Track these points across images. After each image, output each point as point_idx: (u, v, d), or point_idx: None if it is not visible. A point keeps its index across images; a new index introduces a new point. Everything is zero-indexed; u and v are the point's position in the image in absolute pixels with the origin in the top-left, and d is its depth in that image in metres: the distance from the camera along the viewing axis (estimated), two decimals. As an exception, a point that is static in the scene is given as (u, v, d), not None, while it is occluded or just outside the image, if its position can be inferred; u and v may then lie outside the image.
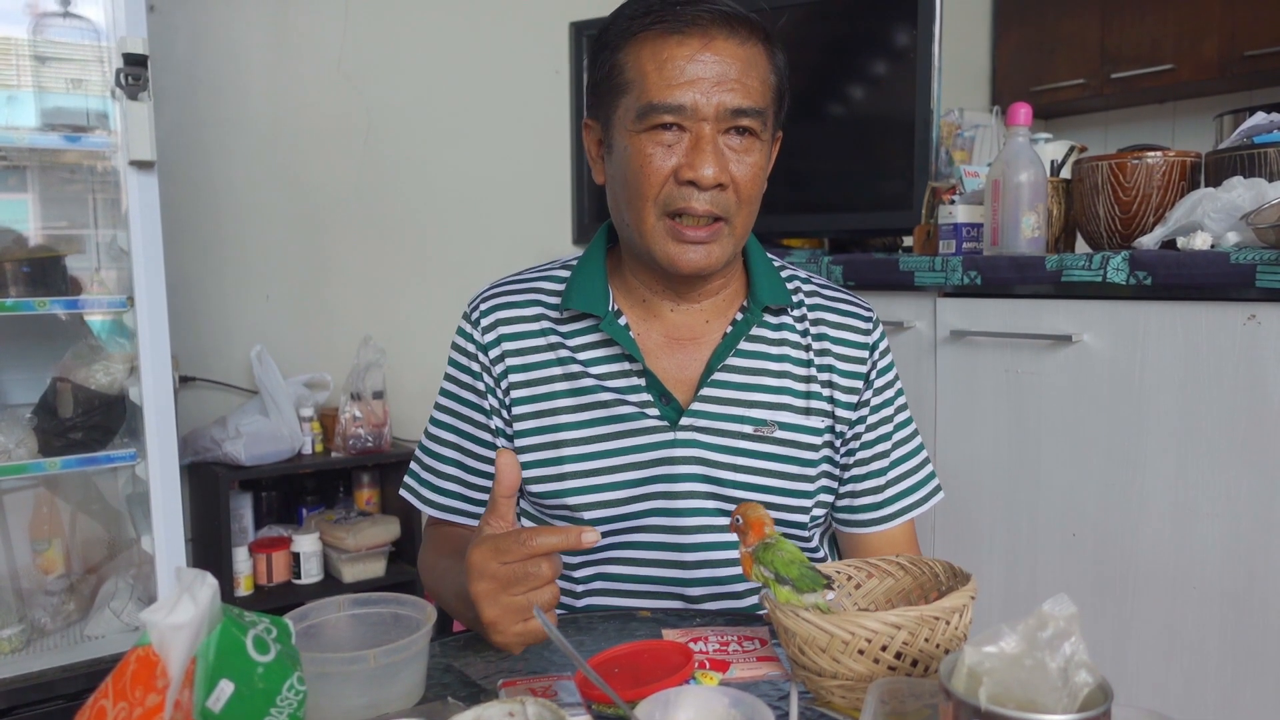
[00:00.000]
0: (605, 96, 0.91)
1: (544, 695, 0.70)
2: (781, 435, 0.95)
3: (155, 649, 0.48)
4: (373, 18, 2.48)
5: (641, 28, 0.87)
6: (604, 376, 0.95)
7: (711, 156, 0.85)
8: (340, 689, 0.65)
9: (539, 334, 0.97)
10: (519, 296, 1.00)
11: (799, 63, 2.30)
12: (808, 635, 0.66)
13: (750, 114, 0.87)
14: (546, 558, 0.71)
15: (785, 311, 0.99)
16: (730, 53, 0.86)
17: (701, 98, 0.85)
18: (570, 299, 0.95)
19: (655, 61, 0.86)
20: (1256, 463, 1.37)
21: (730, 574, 0.95)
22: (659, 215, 0.88)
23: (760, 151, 0.90)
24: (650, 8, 0.87)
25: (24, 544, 1.87)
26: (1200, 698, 1.43)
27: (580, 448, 0.95)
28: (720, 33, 0.86)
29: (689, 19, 0.85)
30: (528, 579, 0.71)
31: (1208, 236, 1.43)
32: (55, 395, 1.76)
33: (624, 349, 0.93)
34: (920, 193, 1.94)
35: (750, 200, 0.91)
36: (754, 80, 0.87)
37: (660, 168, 0.87)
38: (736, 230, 0.91)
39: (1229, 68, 3.07)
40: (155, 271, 1.70)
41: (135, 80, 1.61)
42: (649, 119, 0.86)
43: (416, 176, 2.56)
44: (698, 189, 0.86)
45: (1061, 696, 0.47)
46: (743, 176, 0.88)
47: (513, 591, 0.71)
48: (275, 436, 2.12)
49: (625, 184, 0.90)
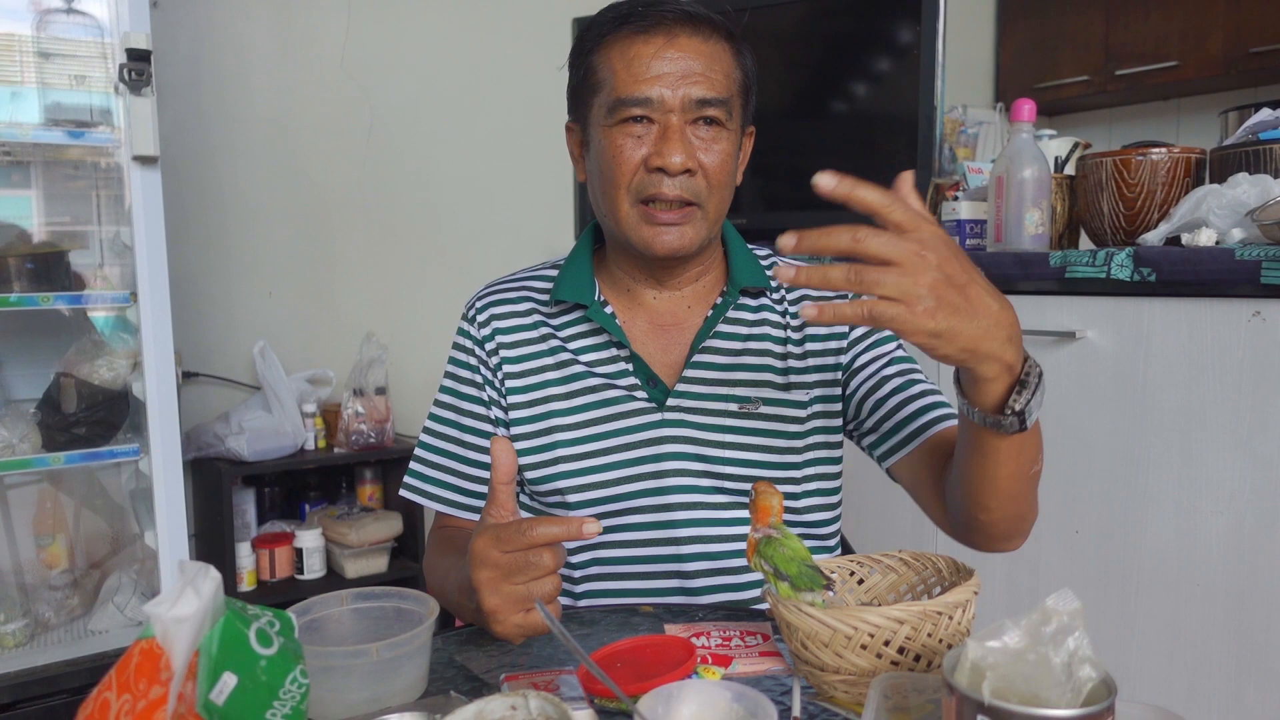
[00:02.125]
0: (582, 97, 0.97)
1: (546, 689, 0.70)
2: (766, 411, 0.98)
3: (159, 642, 0.48)
4: (375, 13, 2.47)
5: (611, 30, 0.94)
6: (593, 363, 0.99)
7: (679, 144, 0.90)
8: (343, 683, 0.65)
9: (530, 326, 1.02)
10: (511, 293, 1.05)
11: (802, 60, 2.28)
12: (810, 630, 0.66)
13: (714, 104, 0.92)
14: (549, 548, 0.71)
15: (765, 294, 1.03)
16: (694, 48, 0.91)
17: (667, 90, 0.90)
18: (559, 290, 1.00)
19: (624, 60, 0.92)
20: (1260, 459, 1.36)
21: (725, 549, 0.97)
22: (633, 202, 0.93)
23: (728, 140, 0.94)
24: (620, 13, 0.94)
25: (28, 539, 1.88)
26: (1203, 693, 1.43)
27: (571, 432, 0.98)
28: (683, 30, 0.91)
29: (654, 19, 0.91)
30: (529, 568, 0.71)
31: (1212, 233, 1.42)
32: (59, 390, 1.77)
33: (611, 335, 0.98)
34: (923, 189, 1.94)
35: (720, 186, 0.94)
36: (718, 74, 0.92)
37: (631, 157, 0.92)
38: (709, 214, 0.95)
39: (1234, 64, 3.06)
40: (158, 267, 1.70)
41: (138, 76, 1.62)
42: (619, 113, 0.92)
43: (419, 172, 2.56)
44: (667, 175, 0.91)
45: (1065, 691, 0.47)
46: (711, 163, 0.93)
47: (514, 581, 0.71)
48: (278, 432, 2.13)
49: (601, 175, 0.95)
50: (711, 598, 0.98)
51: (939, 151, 1.97)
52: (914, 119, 1.96)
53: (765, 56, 2.48)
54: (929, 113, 1.94)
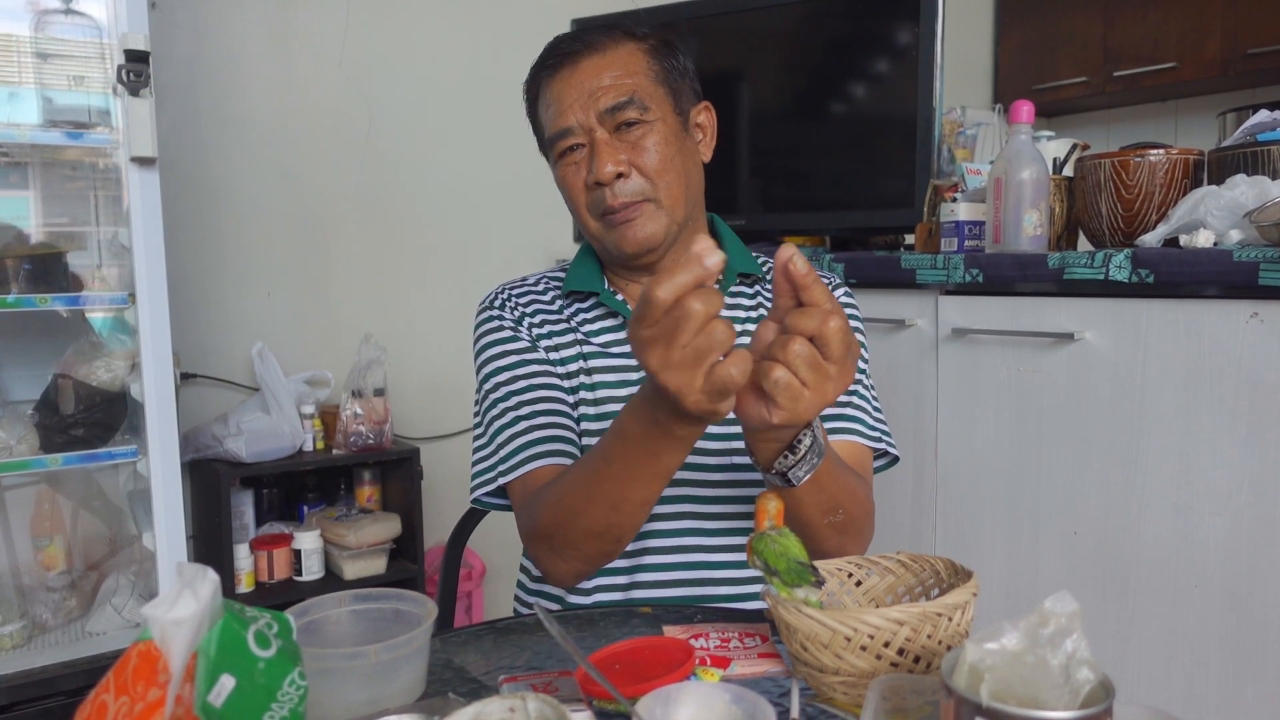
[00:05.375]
0: (541, 144, 1.08)
1: (545, 691, 0.70)
2: None
3: (157, 644, 0.48)
4: (374, 15, 2.47)
5: (535, 82, 1.04)
6: (606, 344, 1.06)
7: (605, 156, 0.97)
8: (341, 684, 0.65)
9: (556, 310, 1.09)
10: (529, 285, 1.13)
11: (801, 61, 2.29)
12: (810, 631, 0.65)
13: (624, 106, 0.98)
14: (698, 297, 0.64)
15: (760, 281, 1.11)
16: (594, 66, 0.99)
17: (580, 114, 0.99)
18: (570, 283, 1.09)
19: (544, 102, 1.03)
20: (1258, 461, 1.36)
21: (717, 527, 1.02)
22: (595, 218, 1.02)
23: (655, 132, 0.99)
24: (538, 62, 1.04)
25: (26, 540, 1.87)
26: (1201, 695, 1.43)
27: (590, 408, 1.04)
28: (583, 54, 1.00)
29: (559, 56, 1.01)
30: (684, 325, 0.64)
31: (1210, 234, 1.42)
32: (57, 392, 1.77)
33: (623, 318, 1.06)
34: (922, 190, 1.94)
35: (664, 173, 0.99)
36: (624, 77, 0.99)
37: (575, 183, 1.01)
38: (663, 203, 1.00)
39: (1232, 66, 3.07)
40: (156, 268, 1.70)
41: (137, 77, 1.62)
42: (554, 149, 1.02)
43: (417, 173, 2.56)
44: (604, 186, 0.99)
45: (1063, 693, 0.47)
46: (645, 160, 0.99)
47: (679, 345, 0.65)
48: (276, 433, 2.12)
49: (568, 205, 1.05)
50: None
51: (938, 153, 1.97)
52: (913, 120, 1.96)
53: (765, 57, 2.48)
54: (927, 114, 1.94)
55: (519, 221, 2.71)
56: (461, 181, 2.63)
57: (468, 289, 1.16)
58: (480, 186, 2.66)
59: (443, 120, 2.59)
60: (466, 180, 2.63)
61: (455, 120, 2.60)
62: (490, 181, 2.67)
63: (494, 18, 2.64)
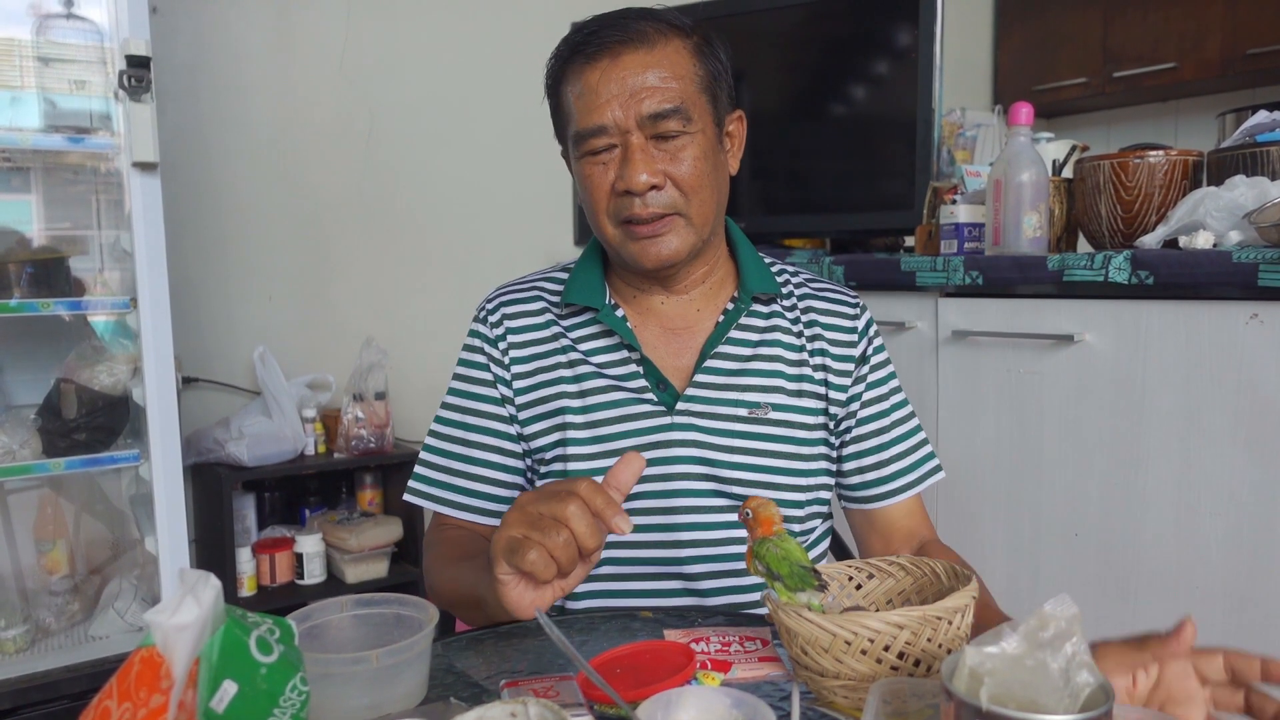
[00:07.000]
0: (559, 129, 1.00)
1: (546, 696, 0.70)
2: (775, 416, 0.99)
3: (159, 650, 0.48)
4: (375, 19, 2.48)
5: (565, 62, 0.95)
6: (603, 365, 1.00)
7: (640, 164, 0.91)
8: (343, 689, 0.65)
9: (543, 325, 1.03)
10: (523, 294, 1.06)
11: (801, 63, 2.28)
12: (810, 635, 0.66)
13: (668, 115, 0.91)
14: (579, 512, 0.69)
15: (776, 300, 1.03)
16: (639, 63, 0.91)
17: (619, 113, 0.91)
18: (570, 294, 1.01)
19: (577, 92, 0.93)
20: (1259, 462, 1.36)
21: (727, 552, 0.98)
22: (615, 224, 0.95)
23: (695, 144, 0.93)
24: (572, 42, 0.94)
25: (28, 544, 1.88)
26: (1203, 697, 1.43)
27: (582, 431, 0.99)
28: (627, 48, 0.91)
29: (598, 43, 0.91)
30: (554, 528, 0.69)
31: (1210, 235, 1.43)
32: (59, 396, 1.77)
33: (622, 338, 0.99)
34: (922, 192, 1.94)
35: (697, 189, 0.94)
36: (671, 81, 0.91)
37: (601, 184, 0.94)
38: (694, 219, 0.95)
39: (1231, 66, 3.07)
40: (158, 272, 1.70)
41: (138, 82, 1.62)
42: (582, 145, 0.93)
43: (418, 177, 2.57)
44: (635, 195, 0.92)
45: (1063, 697, 0.47)
46: (681, 172, 0.92)
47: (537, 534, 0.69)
48: (278, 437, 2.13)
49: (585, 203, 0.98)
50: (719, 600, 0.98)
51: (937, 154, 1.98)
52: (912, 121, 1.97)
53: (764, 59, 2.49)
54: (927, 115, 1.94)
55: (520, 225, 2.72)
56: (462, 185, 2.63)
57: (469, 292, 1.15)
58: (481, 190, 2.66)
59: (444, 124, 2.59)
60: (467, 184, 2.64)
61: (456, 124, 2.61)
62: (491, 185, 2.67)
63: (494, 22, 2.64)
